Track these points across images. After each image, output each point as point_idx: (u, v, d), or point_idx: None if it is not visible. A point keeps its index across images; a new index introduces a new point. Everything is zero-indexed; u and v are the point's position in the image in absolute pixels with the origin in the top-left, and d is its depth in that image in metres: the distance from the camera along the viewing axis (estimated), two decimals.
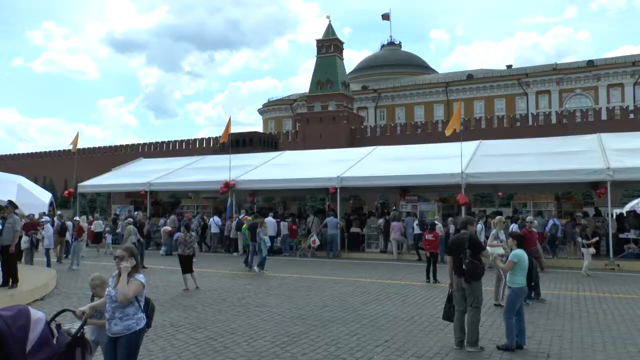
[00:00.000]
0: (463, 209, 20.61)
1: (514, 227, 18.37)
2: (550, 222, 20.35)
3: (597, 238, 17.08)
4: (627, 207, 31.87)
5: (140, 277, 5.40)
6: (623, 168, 18.66)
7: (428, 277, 15.13)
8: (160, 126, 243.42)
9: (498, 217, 13.41)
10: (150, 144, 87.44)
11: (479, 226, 18.69)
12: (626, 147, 20.56)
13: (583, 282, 15.18)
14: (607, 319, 10.40)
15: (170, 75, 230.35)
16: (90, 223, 26.05)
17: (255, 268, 17.29)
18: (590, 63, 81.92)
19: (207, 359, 7.67)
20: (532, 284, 8.51)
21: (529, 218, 13.90)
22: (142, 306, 5.42)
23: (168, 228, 23.16)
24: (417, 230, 20.38)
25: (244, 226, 19.53)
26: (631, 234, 19.89)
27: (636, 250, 19.50)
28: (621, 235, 20.08)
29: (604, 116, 65.28)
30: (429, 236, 15.74)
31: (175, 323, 9.89)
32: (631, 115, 64.18)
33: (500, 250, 11.64)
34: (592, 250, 16.72)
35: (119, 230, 25.12)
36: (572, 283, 15.02)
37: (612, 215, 20.69)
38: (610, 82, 78.93)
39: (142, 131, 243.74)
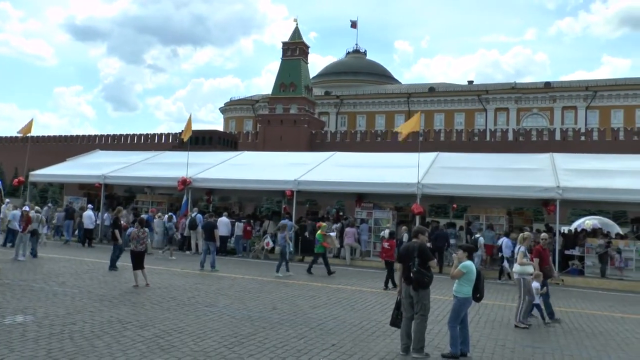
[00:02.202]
0: (417, 218, 20.91)
1: (503, 241, 18.78)
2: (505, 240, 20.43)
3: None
4: (574, 225, 32.88)
5: None
6: (572, 187, 19.30)
7: (386, 285, 15.25)
8: (118, 119, 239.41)
9: (527, 233, 12.20)
10: (108, 136, 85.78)
11: (505, 241, 18.63)
12: (576, 168, 21.30)
13: None
14: (548, 330, 10.77)
15: (131, 67, 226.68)
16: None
17: (279, 273, 17.04)
18: (547, 85, 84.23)
19: (154, 357, 7.61)
20: (478, 295, 8.69)
21: (544, 235, 13.07)
22: None
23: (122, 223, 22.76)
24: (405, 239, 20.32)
25: (319, 232, 18.66)
26: (575, 251, 20.52)
27: (579, 267, 20.14)
28: (566, 252, 20.70)
29: (557, 136, 67.17)
30: (385, 244, 15.93)
31: (123, 320, 9.77)
32: (582, 138, 66.25)
33: (530, 269, 11.19)
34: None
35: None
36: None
37: (559, 232, 21.29)
38: (565, 104, 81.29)
39: (100, 122, 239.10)
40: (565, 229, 26.41)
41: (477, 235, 19.95)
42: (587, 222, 33.13)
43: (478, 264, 19.14)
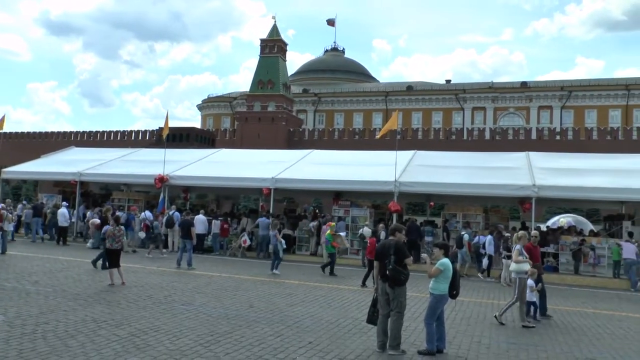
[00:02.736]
0: (394, 216, 21.00)
1: (487, 239, 18.95)
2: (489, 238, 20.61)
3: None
4: (549, 223, 33.36)
5: None
6: (547, 186, 19.57)
7: (364, 283, 15.29)
8: (94, 115, 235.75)
9: (521, 232, 12.26)
10: (84, 132, 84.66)
11: (488, 238, 19.00)
12: (551, 167, 21.62)
13: (504, 292, 15.76)
14: (521, 328, 10.87)
15: (107, 63, 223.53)
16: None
17: (275, 271, 17.10)
18: (523, 84, 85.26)
19: (129, 356, 7.53)
20: (454, 292, 8.75)
21: (534, 232, 13.19)
22: None
23: (97, 221, 22.52)
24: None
25: (328, 232, 18.60)
26: (550, 248, 20.79)
27: (554, 264, 20.42)
28: (541, 250, 20.93)
29: (533, 136, 68.02)
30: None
31: (98, 319, 9.65)
32: (557, 137, 67.22)
33: (527, 267, 11.22)
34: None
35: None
36: (494, 292, 15.59)
37: (534, 229, 21.52)
38: (541, 104, 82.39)
39: (75, 119, 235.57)
40: (541, 226, 26.74)
41: (462, 233, 20.10)
42: (562, 219, 33.67)
43: (462, 260, 19.39)
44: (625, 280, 18.44)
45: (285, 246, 18.65)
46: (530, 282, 11.32)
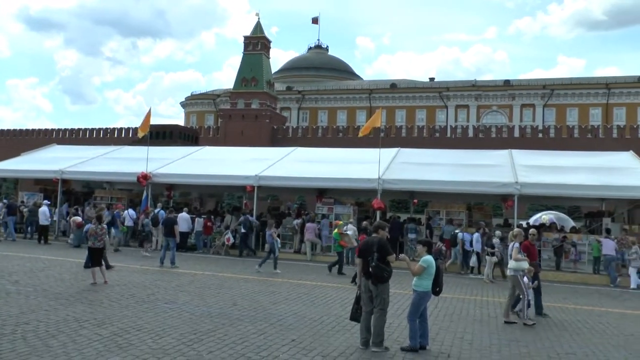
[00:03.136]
0: (378, 213, 21.06)
1: (474, 236, 19.05)
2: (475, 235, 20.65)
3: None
4: (532, 220, 33.60)
5: None
6: (529, 183, 19.75)
7: (354, 280, 15.30)
8: (76, 112, 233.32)
9: (517, 230, 12.31)
10: (65, 130, 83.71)
11: (475, 235, 19.04)
12: (534, 164, 21.84)
13: (487, 288, 15.93)
14: (505, 322, 10.98)
15: (89, 60, 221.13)
16: None
17: (260, 268, 17.13)
18: (506, 82, 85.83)
19: (111, 355, 7.48)
20: (437, 289, 8.80)
21: (532, 231, 13.25)
22: None
23: (78, 219, 22.33)
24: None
25: (335, 231, 18.46)
26: None
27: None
28: None
29: (516, 133, 68.58)
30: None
31: (80, 318, 9.57)
32: (540, 135, 67.86)
33: (526, 265, 11.28)
34: (494, 258, 17.76)
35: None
36: (477, 289, 15.72)
37: (516, 227, 21.70)
38: (524, 102, 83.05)
39: (57, 116, 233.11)
40: (523, 223, 26.94)
41: (456, 231, 20.14)
42: (544, 216, 33.90)
43: (457, 258, 19.48)
44: (605, 276, 18.68)
45: (280, 245, 18.74)
46: (524, 279, 11.38)
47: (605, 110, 80.00)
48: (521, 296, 11.14)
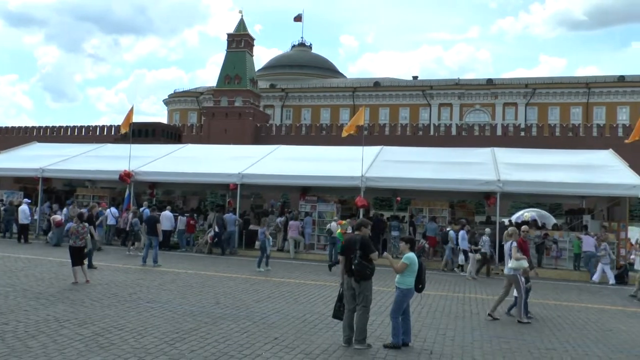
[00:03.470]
0: (361, 211, 21.11)
1: (460, 234, 19.07)
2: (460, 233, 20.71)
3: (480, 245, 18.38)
4: (514, 217, 33.89)
5: None
6: (511, 181, 19.91)
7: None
8: (57, 110, 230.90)
9: (511, 229, 12.38)
10: (47, 127, 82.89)
11: (461, 233, 18.97)
12: (516, 162, 22.01)
13: (469, 285, 16.04)
14: (487, 318, 11.09)
15: (70, 56, 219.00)
16: None
17: (260, 268, 17.12)
18: (489, 81, 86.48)
19: (92, 355, 7.42)
20: (420, 286, 8.84)
21: (525, 227, 13.16)
22: None
23: (57, 217, 22.10)
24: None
25: (339, 231, 18.33)
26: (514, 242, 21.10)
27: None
28: (503, 243, 21.26)
29: (498, 132, 69.19)
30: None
31: (60, 318, 9.48)
32: (522, 133, 68.56)
33: (526, 264, 11.36)
34: (477, 255, 17.91)
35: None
36: (460, 285, 15.82)
37: (498, 224, 21.88)
38: (506, 100, 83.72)
39: (38, 114, 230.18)
40: (505, 220, 27.17)
41: (447, 229, 20.19)
42: (526, 214, 34.22)
43: (449, 256, 19.56)
44: (585, 272, 18.91)
45: (272, 243, 18.71)
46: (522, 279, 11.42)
47: (585, 109, 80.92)
48: (518, 296, 11.18)
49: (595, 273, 18.15)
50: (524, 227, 13.41)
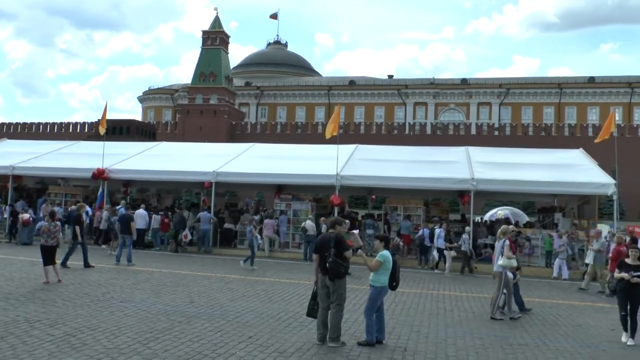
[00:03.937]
0: (336, 209, 21.16)
1: (437, 232, 19.15)
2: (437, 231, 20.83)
3: (457, 243, 18.57)
4: (487, 216, 34.31)
5: None
6: (485, 179, 20.18)
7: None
8: (28, 106, 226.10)
9: (504, 227, 12.39)
10: (17, 124, 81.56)
11: (437, 231, 19.10)
12: (489, 161, 22.33)
13: (444, 283, 16.20)
14: (460, 315, 11.24)
15: (41, 51, 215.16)
16: None
17: (252, 266, 17.14)
18: (464, 81, 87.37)
19: (64, 356, 7.30)
20: (394, 284, 8.88)
21: (511, 227, 13.38)
22: None
23: (26, 216, 21.70)
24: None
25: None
26: (488, 240, 21.40)
27: (491, 254, 21.01)
28: (480, 241, 21.55)
29: (473, 131, 70.02)
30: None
31: (31, 318, 9.31)
32: (496, 132, 69.47)
33: (515, 263, 11.48)
34: (453, 253, 18.11)
35: None
36: (434, 283, 15.97)
37: (472, 222, 22.14)
38: (481, 100, 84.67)
39: (7, 110, 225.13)
40: (478, 218, 27.52)
41: (434, 227, 20.26)
42: (500, 212, 34.68)
43: (437, 255, 19.66)
44: None
45: (260, 241, 18.64)
46: (510, 275, 11.53)
47: (557, 109, 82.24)
48: (505, 292, 11.30)
49: (564, 270, 18.42)
50: (510, 227, 13.58)
